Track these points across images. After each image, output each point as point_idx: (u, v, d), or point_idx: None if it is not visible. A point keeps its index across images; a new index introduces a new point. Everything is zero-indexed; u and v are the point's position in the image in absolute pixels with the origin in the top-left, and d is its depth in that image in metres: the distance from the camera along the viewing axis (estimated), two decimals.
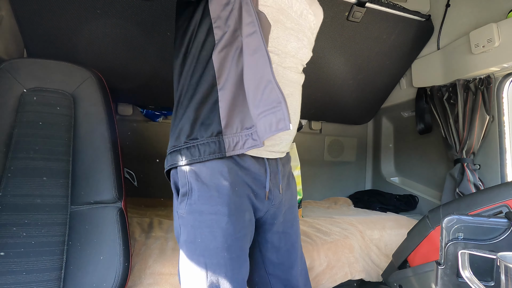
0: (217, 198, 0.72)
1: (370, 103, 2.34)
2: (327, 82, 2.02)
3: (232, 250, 0.71)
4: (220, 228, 0.71)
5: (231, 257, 0.71)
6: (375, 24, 1.73)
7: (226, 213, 0.71)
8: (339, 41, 1.77)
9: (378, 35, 1.79)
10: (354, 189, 2.64)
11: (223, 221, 0.71)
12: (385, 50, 1.90)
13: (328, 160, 2.55)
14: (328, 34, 1.71)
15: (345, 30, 1.72)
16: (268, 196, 0.81)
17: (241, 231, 0.74)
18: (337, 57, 1.87)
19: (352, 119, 2.49)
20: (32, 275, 0.91)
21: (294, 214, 0.95)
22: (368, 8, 1.63)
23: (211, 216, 0.71)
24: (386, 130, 2.56)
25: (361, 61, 1.93)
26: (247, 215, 0.77)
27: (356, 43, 1.81)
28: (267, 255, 0.88)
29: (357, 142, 2.66)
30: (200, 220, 0.72)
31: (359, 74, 2.02)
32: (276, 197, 0.84)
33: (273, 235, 0.87)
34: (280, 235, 0.88)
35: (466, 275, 0.64)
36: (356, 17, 1.65)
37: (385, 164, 2.56)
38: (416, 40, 1.90)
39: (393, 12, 1.69)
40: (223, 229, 0.71)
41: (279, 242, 0.88)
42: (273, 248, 0.88)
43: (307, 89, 2.05)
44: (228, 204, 0.72)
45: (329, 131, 2.56)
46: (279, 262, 0.88)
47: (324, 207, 2.27)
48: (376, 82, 2.13)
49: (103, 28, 1.40)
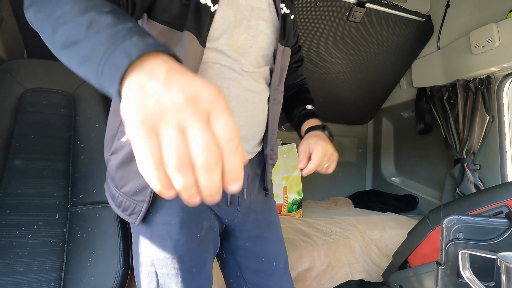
0: (169, 208, 0.70)
1: (370, 103, 2.34)
2: (328, 82, 2.02)
3: (184, 261, 0.69)
4: (171, 239, 0.69)
5: (182, 267, 0.69)
6: (375, 24, 1.73)
7: (178, 224, 0.69)
8: (339, 41, 1.77)
9: (378, 35, 1.80)
10: (354, 189, 2.64)
11: (174, 232, 0.69)
12: (385, 50, 1.90)
13: None
14: (328, 34, 1.71)
15: (345, 30, 1.72)
16: (231, 201, 0.77)
17: (196, 241, 0.71)
18: (337, 57, 1.87)
19: (353, 119, 2.49)
20: (32, 276, 0.91)
21: (272, 218, 0.89)
22: (368, 9, 1.63)
23: (162, 227, 0.69)
24: (387, 130, 2.56)
25: (361, 61, 1.94)
26: (205, 223, 0.74)
27: (356, 43, 1.81)
28: (243, 262, 0.83)
29: (357, 142, 2.66)
30: (152, 231, 0.70)
31: (359, 74, 2.02)
32: (242, 202, 0.79)
33: (245, 241, 0.82)
34: (254, 240, 0.83)
35: (467, 276, 0.64)
36: (356, 17, 1.65)
37: (386, 164, 2.56)
38: (416, 40, 1.90)
39: (393, 12, 1.69)
40: (174, 240, 0.69)
41: (254, 247, 0.82)
42: (249, 255, 0.83)
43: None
44: (181, 215, 0.70)
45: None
46: (257, 269, 0.82)
47: (324, 207, 2.27)
48: (376, 82, 2.13)
49: None
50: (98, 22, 0.37)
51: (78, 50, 0.37)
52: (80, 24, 0.37)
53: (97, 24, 0.36)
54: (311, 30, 1.66)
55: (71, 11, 0.39)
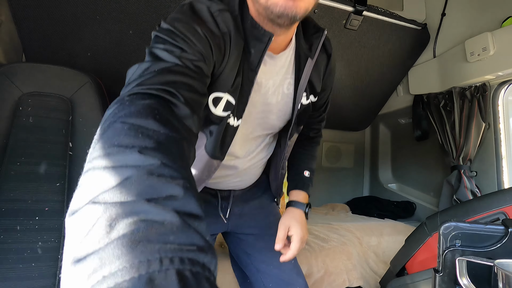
0: None
1: (368, 110, 2.36)
2: None
3: None
4: None
5: None
6: (372, 32, 1.75)
7: None
8: (336, 48, 1.79)
9: (375, 43, 1.82)
10: (351, 195, 2.64)
11: None
12: (382, 57, 1.92)
13: (326, 166, 2.56)
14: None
15: (343, 38, 1.74)
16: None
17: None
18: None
19: (350, 125, 2.51)
20: (28, 282, 0.90)
21: (272, 218, 1.00)
22: (365, 17, 1.65)
23: None
24: (384, 136, 2.57)
25: (358, 68, 1.95)
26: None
27: (353, 50, 1.83)
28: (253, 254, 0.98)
29: (354, 148, 2.67)
30: None
31: (356, 81, 2.04)
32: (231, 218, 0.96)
33: (247, 236, 0.99)
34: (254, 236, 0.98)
35: (464, 283, 0.64)
36: (353, 25, 1.67)
37: (383, 170, 2.57)
38: (413, 48, 1.92)
39: (389, 21, 1.72)
40: None
41: (256, 241, 0.97)
42: (252, 248, 0.97)
43: None
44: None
45: (326, 137, 2.57)
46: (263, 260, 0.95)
47: (322, 213, 2.26)
48: (373, 89, 2.15)
49: (103, 32, 1.41)
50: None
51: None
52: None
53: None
54: None
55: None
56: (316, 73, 0.78)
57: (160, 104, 0.40)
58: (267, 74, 0.71)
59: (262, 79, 0.71)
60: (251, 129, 0.77)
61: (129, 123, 0.34)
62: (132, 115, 0.35)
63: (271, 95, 0.74)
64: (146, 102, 0.39)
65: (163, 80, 0.44)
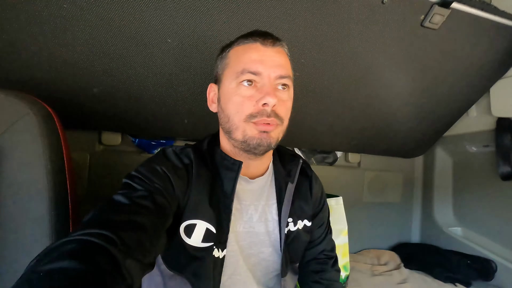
0: None
1: (427, 134, 1.82)
2: (379, 108, 1.52)
3: None
4: None
5: None
6: (457, 32, 1.24)
7: None
8: (404, 54, 1.28)
9: (458, 48, 1.30)
10: (397, 238, 2.11)
11: None
12: (462, 67, 1.40)
13: (368, 201, 2.03)
14: (392, 44, 1.22)
15: (415, 42, 1.23)
16: None
17: None
18: (397, 77, 1.38)
19: (401, 151, 1.97)
20: None
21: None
22: (453, 10, 1.14)
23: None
24: (442, 164, 2.03)
25: (428, 82, 1.44)
26: None
27: (427, 57, 1.31)
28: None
29: (402, 178, 2.14)
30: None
31: (422, 98, 1.52)
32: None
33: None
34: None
35: None
36: (434, 22, 1.16)
37: (440, 208, 2.03)
38: (505, 54, 1.39)
39: (485, 17, 1.20)
40: None
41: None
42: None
43: (352, 118, 1.54)
44: None
45: (369, 164, 2.04)
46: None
47: (365, 266, 1.75)
48: (441, 109, 1.62)
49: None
50: None
51: None
52: None
53: None
54: (368, 37, 1.18)
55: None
56: (301, 196, 0.82)
57: (89, 247, 0.42)
58: (247, 200, 0.75)
59: (242, 205, 0.74)
60: (245, 267, 0.74)
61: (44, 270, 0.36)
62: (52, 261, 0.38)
63: (256, 223, 0.75)
64: (71, 246, 0.40)
65: (103, 223, 0.45)
